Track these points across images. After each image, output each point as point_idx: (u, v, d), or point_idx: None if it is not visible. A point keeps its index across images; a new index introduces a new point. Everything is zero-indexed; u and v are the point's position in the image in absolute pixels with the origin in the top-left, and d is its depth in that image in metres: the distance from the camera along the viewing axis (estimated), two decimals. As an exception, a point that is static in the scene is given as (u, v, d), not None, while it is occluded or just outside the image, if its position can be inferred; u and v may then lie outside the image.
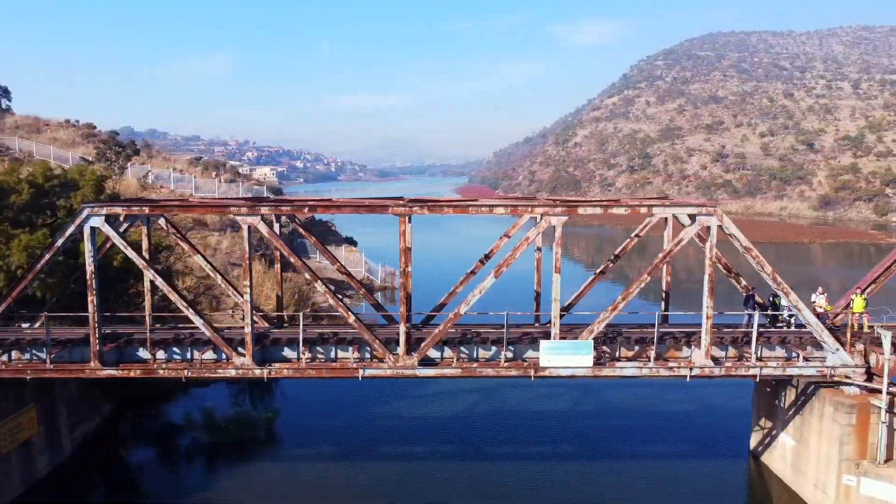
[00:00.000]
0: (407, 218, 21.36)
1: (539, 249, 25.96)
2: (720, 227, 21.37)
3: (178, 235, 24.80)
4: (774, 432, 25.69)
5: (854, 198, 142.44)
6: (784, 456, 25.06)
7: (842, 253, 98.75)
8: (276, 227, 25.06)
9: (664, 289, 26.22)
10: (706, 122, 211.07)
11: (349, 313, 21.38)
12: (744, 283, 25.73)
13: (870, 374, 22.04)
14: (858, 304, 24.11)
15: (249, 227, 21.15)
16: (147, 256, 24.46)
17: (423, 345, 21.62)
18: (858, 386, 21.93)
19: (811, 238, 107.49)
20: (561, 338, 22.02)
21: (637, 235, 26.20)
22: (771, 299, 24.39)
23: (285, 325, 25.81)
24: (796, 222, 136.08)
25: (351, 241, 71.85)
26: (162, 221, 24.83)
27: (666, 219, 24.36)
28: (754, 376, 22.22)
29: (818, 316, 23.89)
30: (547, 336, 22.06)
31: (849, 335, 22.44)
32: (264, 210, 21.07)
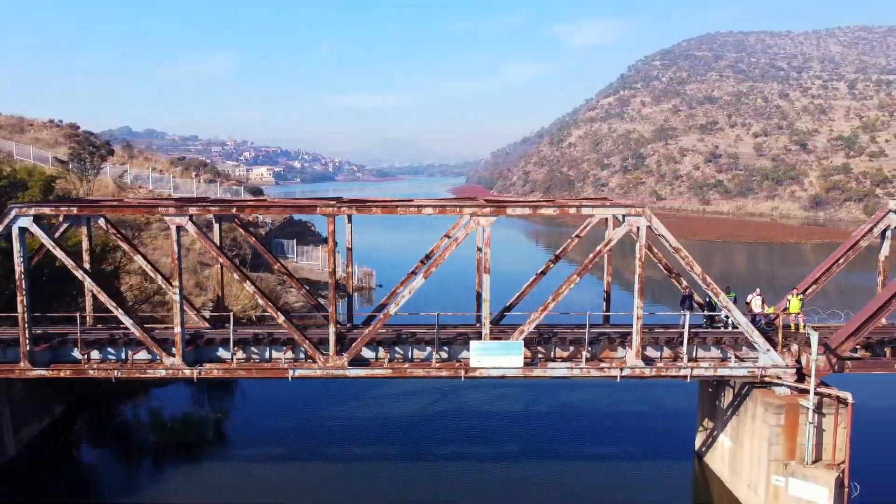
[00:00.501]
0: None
1: (480, 250, 25.97)
2: (650, 227, 21.40)
3: (119, 236, 24.84)
4: (715, 433, 25.73)
5: (844, 198, 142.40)
6: (723, 457, 25.10)
7: (828, 253, 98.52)
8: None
9: (605, 289, 26.26)
10: (700, 122, 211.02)
11: (278, 314, 21.42)
12: (684, 284, 25.81)
13: (801, 375, 22.08)
14: (795, 304, 24.14)
15: (178, 227, 21.16)
16: (87, 257, 24.53)
17: (353, 345, 21.67)
18: (788, 386, 21.97)
19: (798, 238, 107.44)
20: (495, 338, 22.08)
21: (577, 236, 26.22)
22: (707, 300, 24.40)
23: (226, 325, 25.78)
24: (787, 223, 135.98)
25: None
26: (102, 222, 24.87)
27: (606, 219, 24.42)
28: (685, 377, 22.23)
29: (753, 317, 24.00)
30: (481, 337, 22.11)
31: (780, 335, 22.47)
32: (193, 210, 21.11)
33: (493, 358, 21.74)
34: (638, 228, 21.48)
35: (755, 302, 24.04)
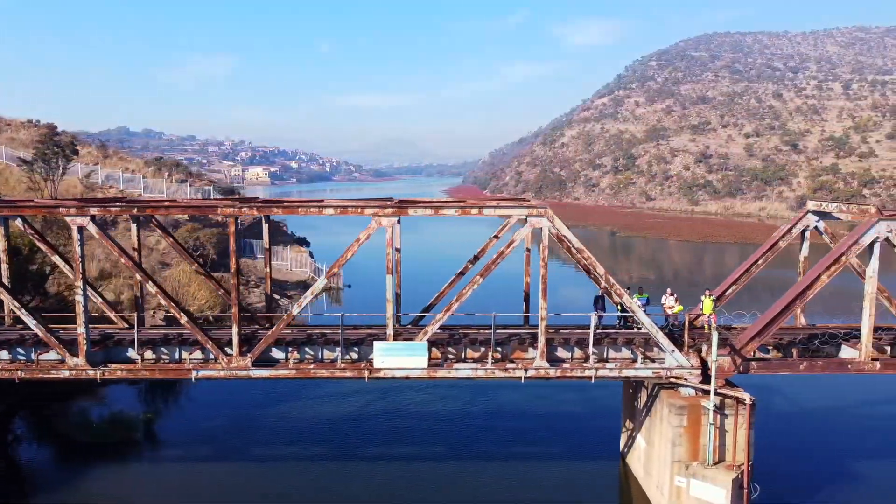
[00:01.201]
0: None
1: (399, 251, 26.01)
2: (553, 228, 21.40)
3: (37, 236, 24.84)
4: (634, 434, 25.74)
5: (832, 199, 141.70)
6: (640, 457, 25.12)
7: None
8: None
9: (524, 289, 26.28)
10: (693, 122, 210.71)
11: (181, 314, 21.44)
12: (602, 284, 25.78)
13: (709, 376, 22.06)
14: (707, 305, 24.14)
15: (80, 227, 21.16)
16: (4, 257, 24.56)
17: (256, 346, 21.69)
18: (693, 387, 21.96)
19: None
20: (409, 339, 22.09)
21: (496, 236, 26.21)
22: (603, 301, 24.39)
23: (151, 327, 25.88)
24: (774, 223, 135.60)
25: (302, 242, 71.95)
26: (18, 222, 24.86)
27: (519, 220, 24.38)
28: (590, 378, 22.23)
29: (666, 317, 24.02)
30: (397, 337, 22.13)
31: (685, 336, 22.49)
32: (94, 211, 21.12)
33: (398, 359, 21.75)
34: (541, 229, 21.51)
35: (668, 302, 24.03)
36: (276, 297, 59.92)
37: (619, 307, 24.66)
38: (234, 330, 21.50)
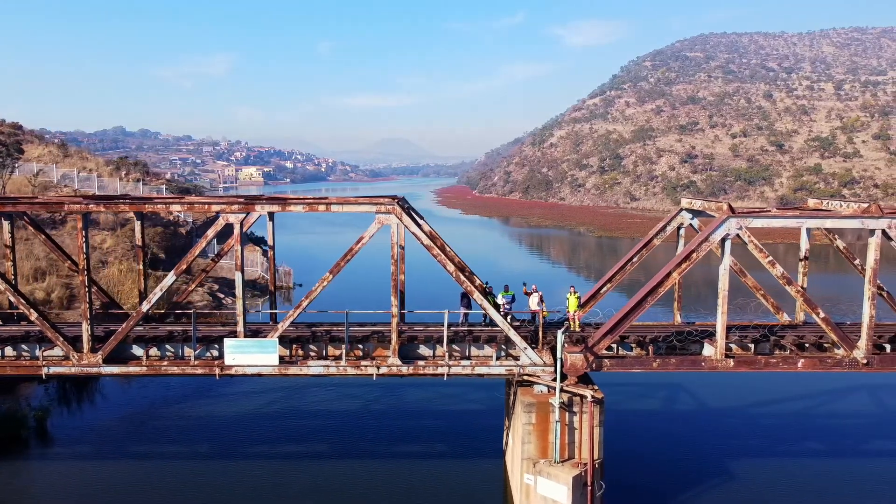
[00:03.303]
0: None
1: (271, 247, 26.02)
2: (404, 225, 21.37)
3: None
4: (507, 432, 25.70)
5: (812, 199, 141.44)
6: (509, 455, 25.08)
7: (774, 253, 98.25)
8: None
9: (399, 288, 26.19)
10: (681, 122, 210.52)
11: (31, 311, 21.44)
12: (478, 281, 25.77)
13: (564, 374, 21.99)
14: (572, 303, 24.09)
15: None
16: None
17: (107, 343, 21.67)
18: (543, 384, 21.91)
19: (764, 239, 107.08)
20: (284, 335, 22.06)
21: (361, 237, 26.11)
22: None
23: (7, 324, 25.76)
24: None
25: (258, 241, 72.00)
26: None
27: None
28: (443, 375, 22.17)
29: (533, 314, 23.96)
30: (257, 335, 22.13)
31: (540, 334, 22.44)
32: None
33: (248, 356, 21.74)
34: (397, 226, 21.47)
35: (532, 300, 23.96)
36: (221, 295, 60.17)
37: (503, 304, 24.63)
38: (84, 326, 21.49)
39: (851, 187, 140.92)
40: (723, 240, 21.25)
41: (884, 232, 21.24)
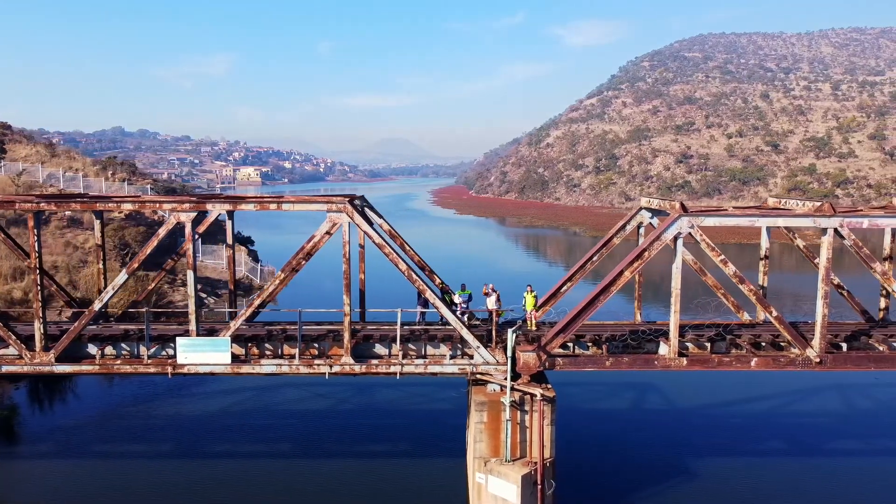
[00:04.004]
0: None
1: (231, 247, 26.04)
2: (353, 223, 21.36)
3: None
4: (467, 431, 25.67)
5: (805, 199, 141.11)
6: (468, 454, 25.04)
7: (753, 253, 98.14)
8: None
9: (359, 287, 26.21)
10: (678, 122, 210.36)
11: (-18, 309, 21.44)
12: (437, 280, 25.83)
13: (518, 373, 21.97)
14: (529, 301, 24.08)
15: None
16: None
17: (59, 342, 21.67)
18: (498, 384, 21.89)
19: (739, 239, 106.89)
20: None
21: (328, 233, 26.11)
22: (441, 296, 24.31)
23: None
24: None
25: (246, 241, 72.03)
26: None
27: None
28: (395, 374, 22.15)
29: (491, 313, 23.94)
30: (210, 333, 22.12)
31: (493, 332, 22.43)
32: None
33: (201, 354, 21.72)
34: (348, 225, 21.46)
35: (490, 300, 23.94)
36: (204, 295, 60.21)
37: (460, 303, 24.64)
38: (37, 325, 21.49)
39: (845, 187, 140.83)
40: (675, 238, 21.24)
41: (836, 230, 21.23)
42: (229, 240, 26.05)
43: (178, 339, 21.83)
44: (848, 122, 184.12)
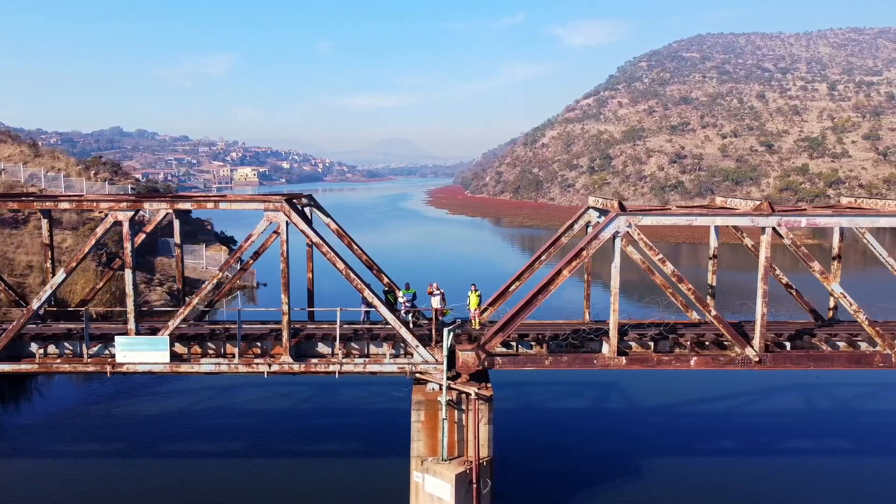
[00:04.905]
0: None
1: (179, 246, 26.04)
2: (291, 223, 21.37)
3: None
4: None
5: (796, 199, 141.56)
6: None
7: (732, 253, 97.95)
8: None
9: (307, 286, 26.23)
10: (673, 122, 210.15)
11: (-80, 308, 21.45)
12: (385, 279, 25.85)
13: (458, 373, 21.95)
14: (473, 300, 24.06)
15: None
16: None
17: (-3, 340, 21.68)
18: (437, 383, 21.88)
19: (728, 238, 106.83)
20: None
21: (275, 232, 26.13)
22: (385, 296, 24.35)
23: None
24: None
25: (227, 240, 72.07)
26: None
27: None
28: (335, 373, 22.14)
29: (435, 312, 23.92)
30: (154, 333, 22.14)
31: (433, 331, 22.41)
32: None
33: (139, 353, 21.73)
34: (286, 224, 21.48)
35: (434, 299, 23.92)
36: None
37: (404, 302, 24.63)
38: (-26, 324, 21.49)
39: (836, 187, 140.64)
40: (613, 237, 21.24)
41: (774, 229, 21.22)
42: (177, 239, 26.05)
43: (116, 338, 21.83)
44: (842, 123, 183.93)
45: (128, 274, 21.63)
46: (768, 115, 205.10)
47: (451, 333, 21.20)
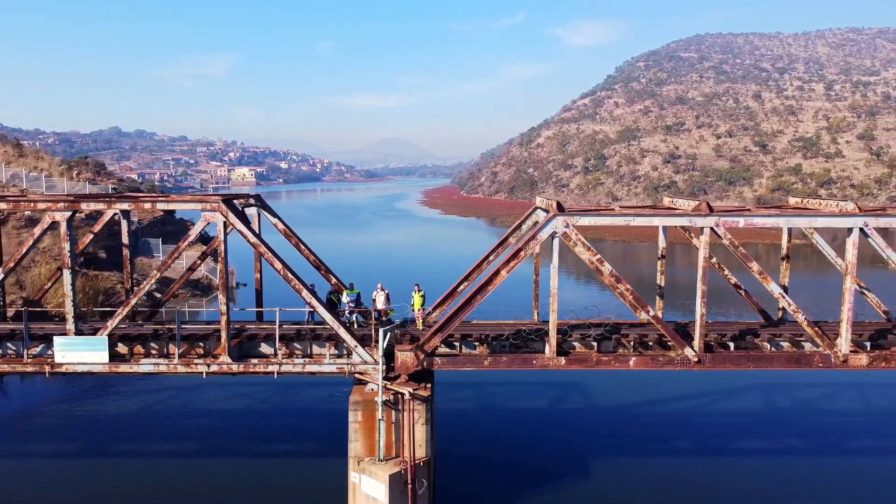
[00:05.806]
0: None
1: (126, 246, 26.04)
2: (227, 223, 21.36)
3: None
4: (362, 430, 25.62)
5: (787, 198, 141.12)
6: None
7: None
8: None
9: (256, 287, 26.23)
10: (668, 122, 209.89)
11: None
12: (333, 280, 25.86)
13: (398, 373, 21.93)
14: (417, 301, 24.05)
15: None
16: None
17: (-64, 340, 21.70)
18: (375, 383, 21.85)
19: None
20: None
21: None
22: (329, 296, 24.35)
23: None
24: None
25: (207, 241, 71.98)
26: None
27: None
28: (273, 373, 22.13)
29: (379, 312, 23.91)
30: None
31: (373, 331, 22.39)
32: None
33: (78, 353, 21.73)
34: (223, 224, 21.48)
35: (379, 298, 23.91)
36: (158, 295, 60.21)
37: (347, 303, 24.61)
38: (-87, 324, 21.51)
39: (828, 187, 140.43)
40: (551, 237, 21.20)
41: (712, 229, 21.19)
42: (125, 239, 26.03)
43: (55, 338, 21.82)
44: (837, 123, 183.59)
45: (66, 274, 21.63)
46: (764, 115, 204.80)
47: (388, 334, 21.17)
